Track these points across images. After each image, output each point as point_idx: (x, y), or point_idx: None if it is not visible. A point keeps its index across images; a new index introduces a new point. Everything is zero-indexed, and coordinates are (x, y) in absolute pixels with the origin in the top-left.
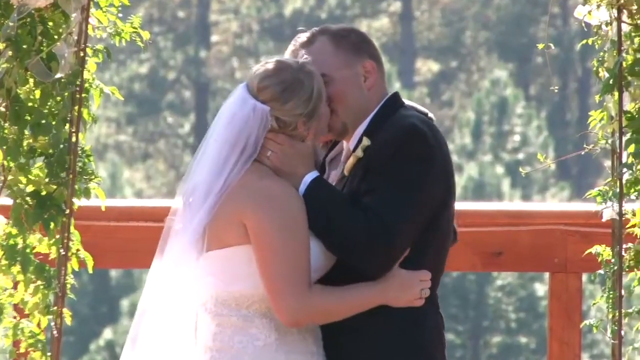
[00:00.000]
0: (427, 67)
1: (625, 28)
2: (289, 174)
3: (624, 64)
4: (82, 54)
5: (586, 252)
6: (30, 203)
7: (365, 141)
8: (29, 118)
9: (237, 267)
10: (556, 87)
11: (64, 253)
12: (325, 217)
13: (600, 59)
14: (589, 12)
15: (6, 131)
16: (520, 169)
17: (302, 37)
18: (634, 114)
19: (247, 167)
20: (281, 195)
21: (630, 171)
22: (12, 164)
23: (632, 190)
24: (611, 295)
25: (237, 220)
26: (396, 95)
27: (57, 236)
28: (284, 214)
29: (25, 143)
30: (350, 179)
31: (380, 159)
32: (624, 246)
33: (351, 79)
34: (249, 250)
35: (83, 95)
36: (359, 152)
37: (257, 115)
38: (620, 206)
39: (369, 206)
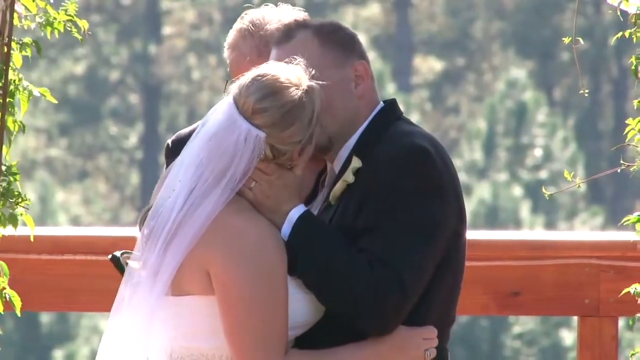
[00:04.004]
0: (427, 66)
1: None
2: (271, 209)
3: None
4: (6, 49)
5: (623, 292)
6: None
7: (356, 162)
8: None
9: (198, 320)
10: (586, 90)
11: None
12: (318, 264)
13: (639, 55)
14: None
15: None
16: (543, 190)
17: (268, 26)
18: None
19: (228, 199)
20: (257, 239)
21: None
22: None
23: None
24: None
25: (202, 267)
26: (393, 104)
27: None
28: (259, 264)
29: None
30: (340, 210)
31: (379, 188)
32: None
33: (341, 83)
34: (214, 303)
35: (8, 99)
36: (349, 177)
37: (249, 143)
38: None
39: (372, 251)
